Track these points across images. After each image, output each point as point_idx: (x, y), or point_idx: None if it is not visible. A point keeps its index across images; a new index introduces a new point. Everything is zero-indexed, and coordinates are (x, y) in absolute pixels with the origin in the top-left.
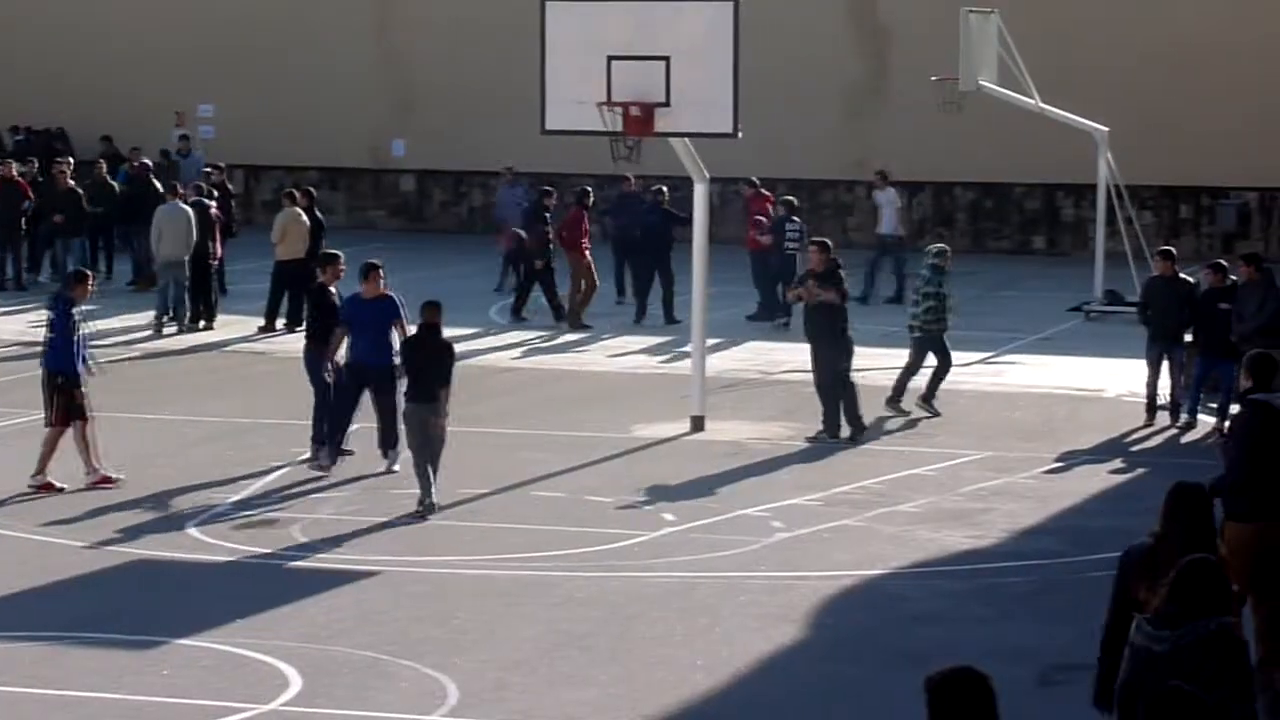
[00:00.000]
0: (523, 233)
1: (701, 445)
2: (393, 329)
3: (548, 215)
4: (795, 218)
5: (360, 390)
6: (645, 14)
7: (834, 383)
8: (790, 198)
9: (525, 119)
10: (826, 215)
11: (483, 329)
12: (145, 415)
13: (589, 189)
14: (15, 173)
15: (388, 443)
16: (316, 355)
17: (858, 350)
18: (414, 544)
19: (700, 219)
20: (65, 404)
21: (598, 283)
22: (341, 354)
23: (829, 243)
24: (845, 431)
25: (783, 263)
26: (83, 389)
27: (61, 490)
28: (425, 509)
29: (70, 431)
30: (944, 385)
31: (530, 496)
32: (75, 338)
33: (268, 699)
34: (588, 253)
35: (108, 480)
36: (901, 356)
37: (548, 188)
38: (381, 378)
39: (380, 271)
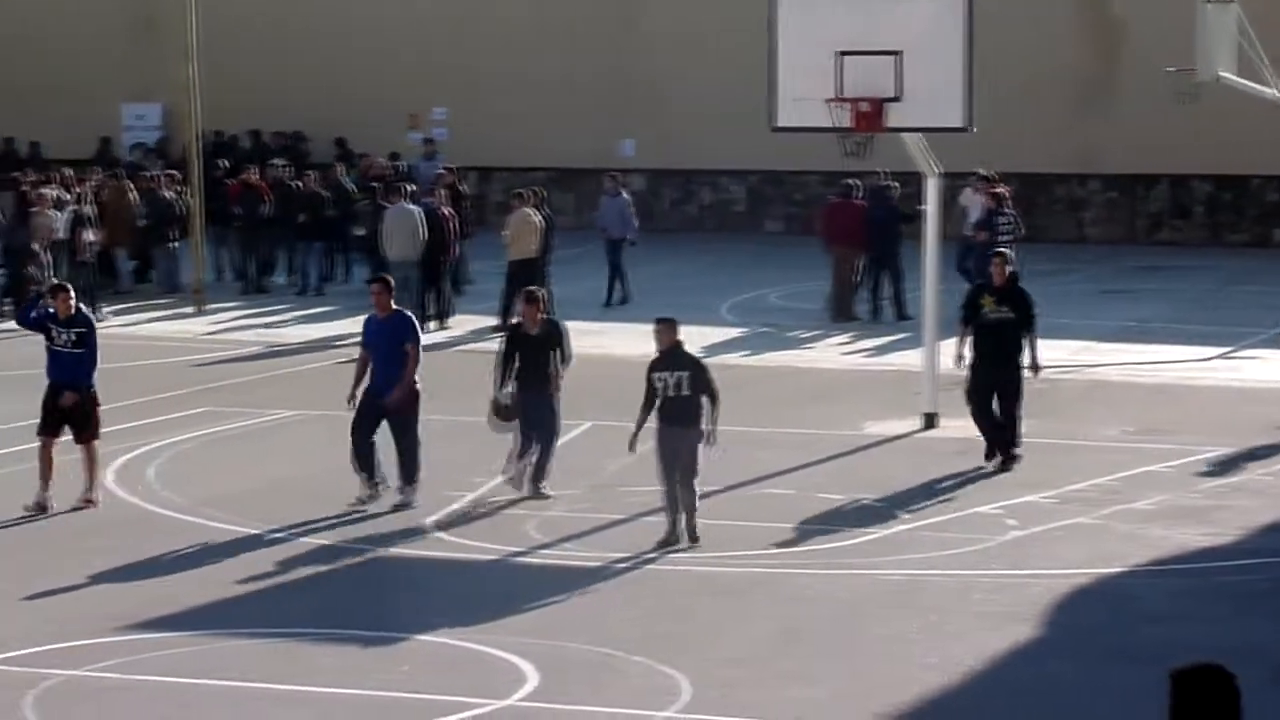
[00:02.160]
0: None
1: (933, 442)
2: (406, 350)
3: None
4: (1007, 210)
5: (378, 416)
6: (876, 9)
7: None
8: (1001, 189)
9: (753, 117)
10: (1058, 210)
11: (713, 326)
12: None
13: (854, 183)
14: (256, 177)
15: (409, 478)
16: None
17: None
18: (645, 541)
19: (932, 214)
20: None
21: (858, 277)
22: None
23: (1011, 255)
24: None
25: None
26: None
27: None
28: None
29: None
30: (1179, 379)
31: (761, 494)
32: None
33: (505, 695)
34: (850, 246)
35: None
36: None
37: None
38: (400, 404)
39: (387, 285)
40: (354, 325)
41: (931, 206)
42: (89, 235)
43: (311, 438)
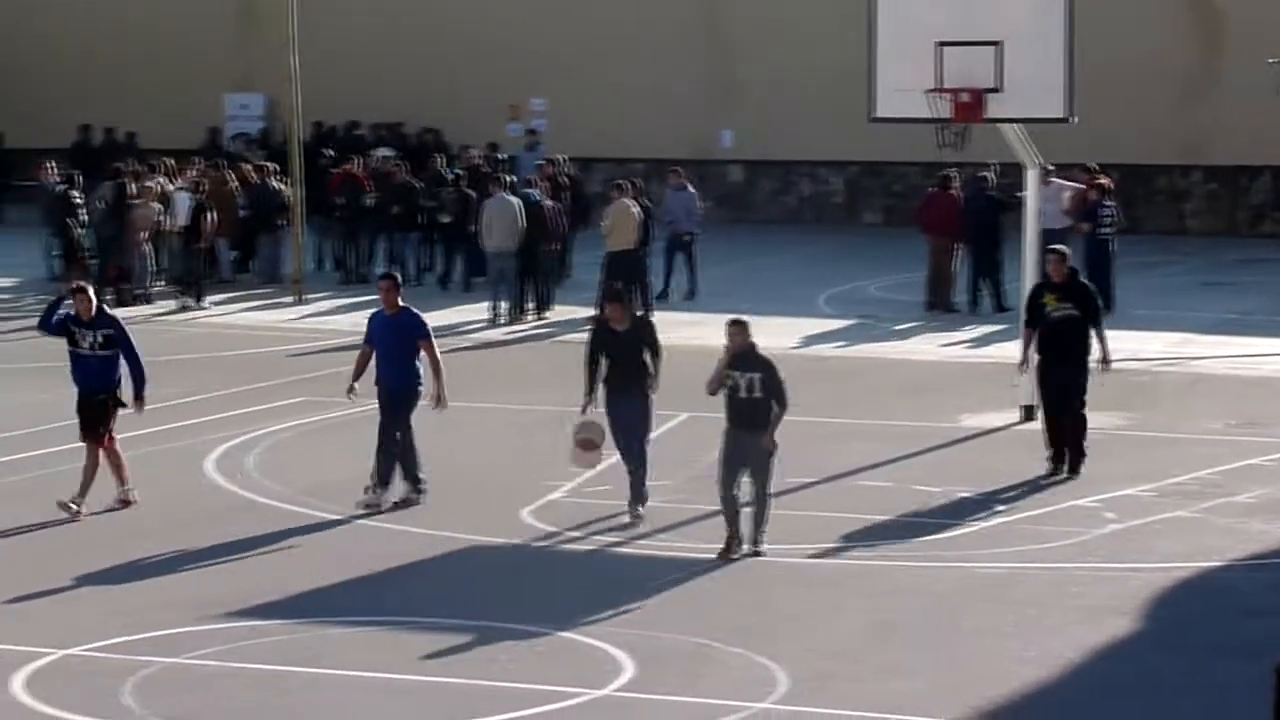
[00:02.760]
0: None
1: (1031, 435)
2: (419, 348)
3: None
4: (1109, 202)
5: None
6: None
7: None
8: (1104, 181)
9: (852, 107)
10: (1160, 202)
11: (811, 317)
12: (478, 404)
13: (952, 173)
14: (357, 167)
15: (409, 476)
16: None
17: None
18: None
19: (1031, 205)
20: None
21: (955, 269)
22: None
23: (1067, 251)
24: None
25: (1096, 248)
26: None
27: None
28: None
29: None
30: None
31: (857, 486)
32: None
33: (601, 685)
34: (950, 237)
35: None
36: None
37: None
38: (401, 399)
39: (395, 283)
40: (454, 316)
41: (1031, 198)
42: (209, 223)
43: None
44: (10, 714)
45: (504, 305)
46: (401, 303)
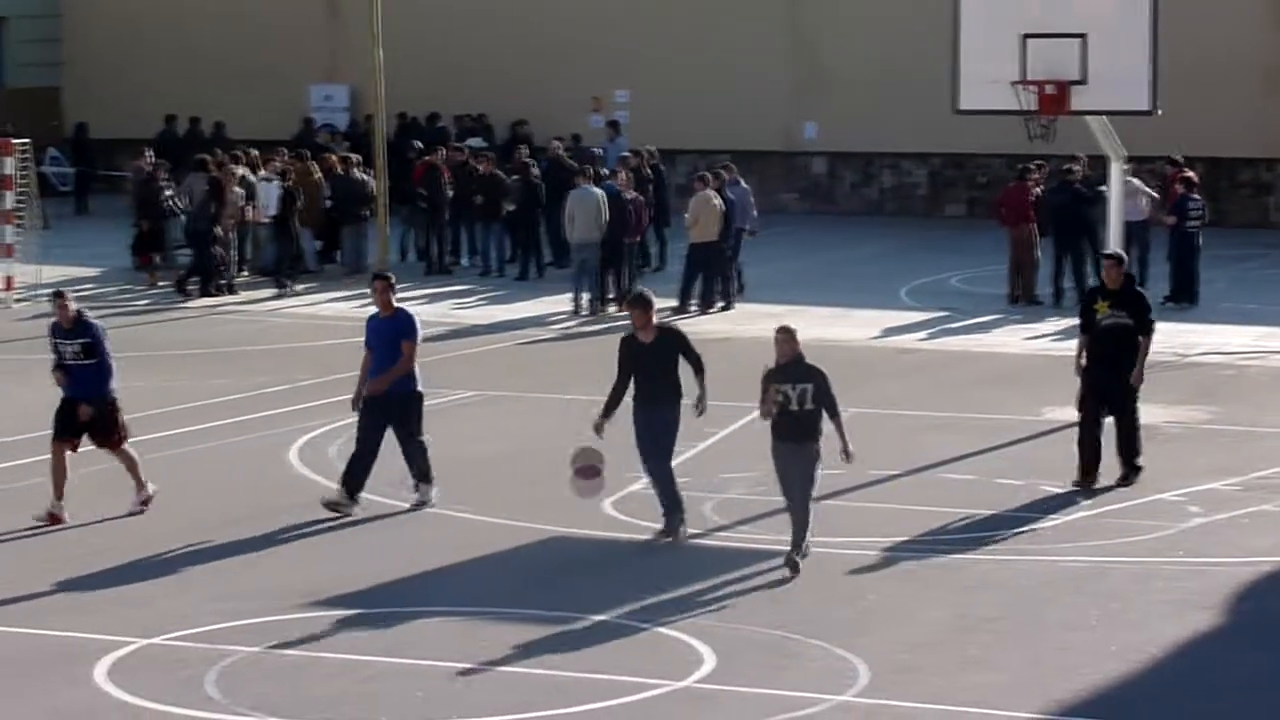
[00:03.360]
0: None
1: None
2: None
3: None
4: (1196, 195)
5: (383, 422)
6: None
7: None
8: (1189, 174)
9: (935, 99)
10: (1245, 195)
11: (892, 309)
12: (556, 395)
13: (1033, 165)
14: (441, 159)
15: (423, 476)
16: None
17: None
18: (823, 525)
19: (1115, 197)
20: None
21: (1038, 258)
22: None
23: (1124, 257)
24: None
25: (1182, 240)
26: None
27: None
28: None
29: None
30: None
31: (939, 479)
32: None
33: (682, 676)
34: (1031, 228)
35: (57, 518)
36: None
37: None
38: (401, 406)
39: (388, 284)
40: (537, 308)
41: (1115, 190)
42: (298, 204)
43: (491, 419)
44: (94, 703)
45: (586, 297)
46: (396, 304)
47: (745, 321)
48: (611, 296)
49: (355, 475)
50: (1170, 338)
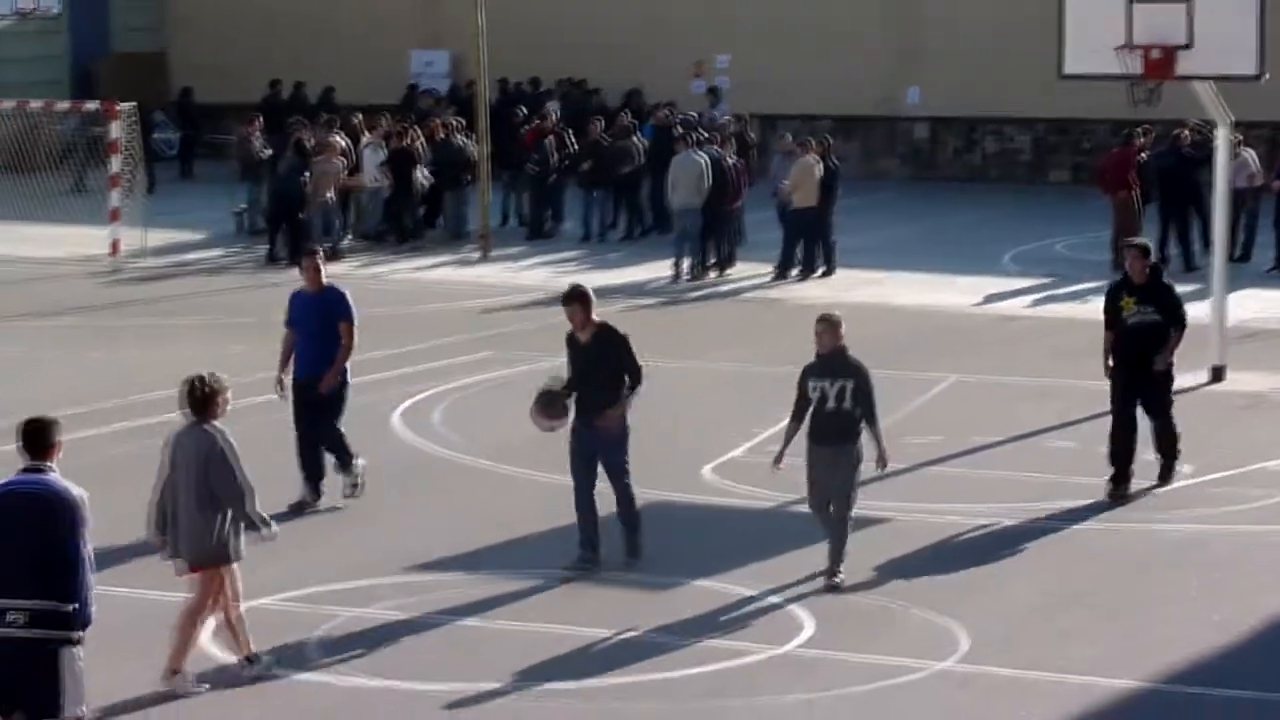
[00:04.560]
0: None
1: (1220, 396)
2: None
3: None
4: None
5: (308, 409)
6: None
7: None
8: None
9: (1040, 65)
10: None
11: (996, 276)
12: (659, 363)
13: (1138, 131)
14: (548, 124)
15: (344, 464)
16: None
17: None
18: (922, 492)
19: (1221, 163)
20: None
21: (1142, 225)
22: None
23: (1149, 246)
24: None
25: None
26: None
27: None
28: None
29: None
30: None
31: (1041, 446)
32: None
33: (781, 642)
34: (1133, 194)
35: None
36: None
37: None
38: (329, 395)
39: (318, 259)
40: (639, 274)
41: (1221, 156)
42: (421, 175)
43: None
44: (196, 664)
45: (687, 262)
46: (326, 280)
47: (846, 288)
48: (713, 262)
49: (312, 467)
50: (1271, 306)
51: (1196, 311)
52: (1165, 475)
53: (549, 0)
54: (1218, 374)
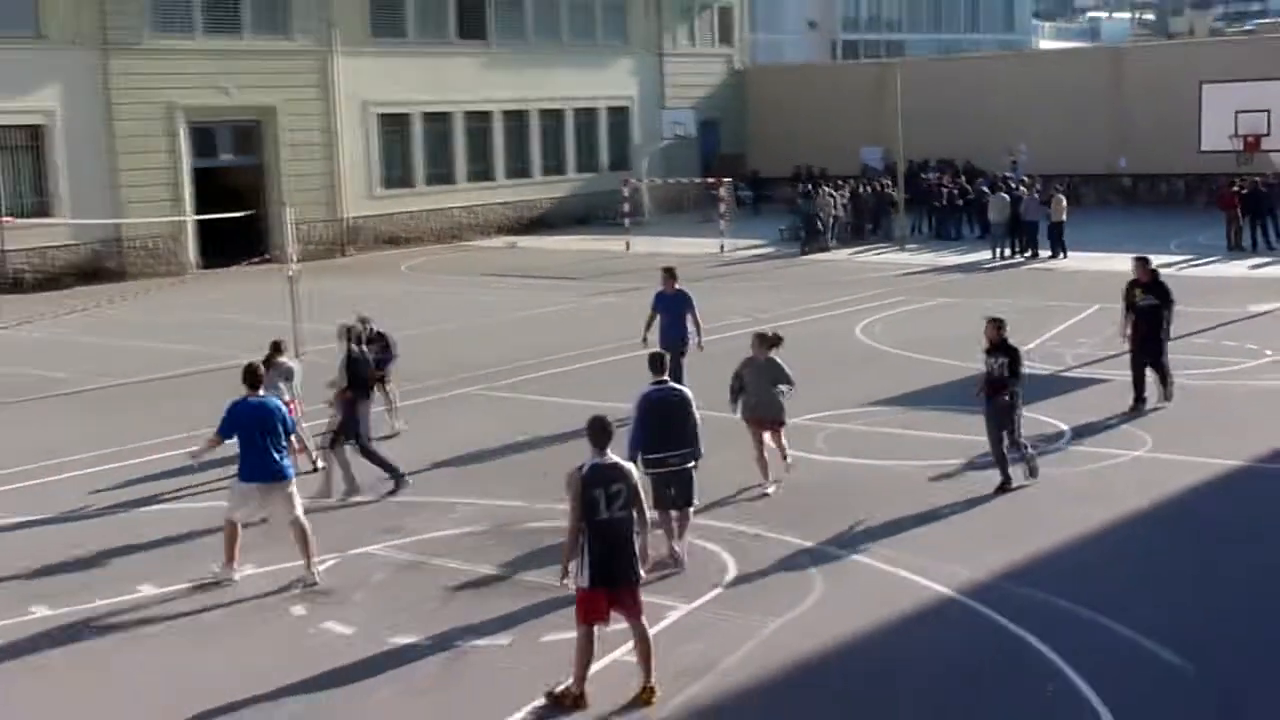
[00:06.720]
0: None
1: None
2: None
3: None
4: None
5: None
6: (1257, 88)
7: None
8: None
9: (1191, 144)
10: None
11: (1163, 254)
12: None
13: (1238, 178)
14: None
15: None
16: None
17: None
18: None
19: None
20: None
21: (1241, 227)
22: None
23: (1149, 258)
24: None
25: None
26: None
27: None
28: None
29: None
30: None
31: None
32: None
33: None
34: (1235, 211)
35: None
36: None
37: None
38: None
39: (674, 270)
40: (968, 257)
41: None
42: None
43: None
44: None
45: (997, 251)
46: (679, 286)
47: (1080, 264)
48: (1014, 252)
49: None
50: None
51: (1267, 271)
52: (1167, 396)
53: (938, 112)
54: None
